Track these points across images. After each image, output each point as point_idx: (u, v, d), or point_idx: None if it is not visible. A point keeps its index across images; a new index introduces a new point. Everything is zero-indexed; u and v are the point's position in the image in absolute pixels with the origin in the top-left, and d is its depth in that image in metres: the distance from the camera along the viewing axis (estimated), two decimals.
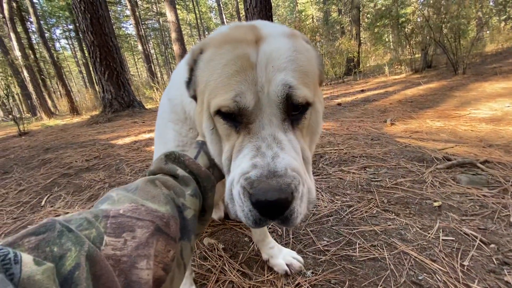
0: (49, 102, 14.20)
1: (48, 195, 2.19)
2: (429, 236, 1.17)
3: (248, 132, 0.58)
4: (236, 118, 0.59)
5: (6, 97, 7.18)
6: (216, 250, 1.22)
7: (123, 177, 2.36)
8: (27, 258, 0.28)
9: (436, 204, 1.40)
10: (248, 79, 0.56)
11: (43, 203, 2.06)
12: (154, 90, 11.47)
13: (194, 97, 0.71)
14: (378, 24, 10.30)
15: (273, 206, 0.50)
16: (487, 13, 8.22)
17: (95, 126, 6.10)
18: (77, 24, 6.76)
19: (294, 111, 0.59)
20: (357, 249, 1.14)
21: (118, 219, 0.41)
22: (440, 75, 7.36)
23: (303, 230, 1.31)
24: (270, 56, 0.57)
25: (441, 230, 1.20)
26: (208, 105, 0.62)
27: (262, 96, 0.56)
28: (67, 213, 1.81)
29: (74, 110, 11.15)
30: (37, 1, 22.34)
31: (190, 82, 0.70)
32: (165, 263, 0.44)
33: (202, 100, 0.64)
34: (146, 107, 7.86)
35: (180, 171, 0.57)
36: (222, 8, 27.49)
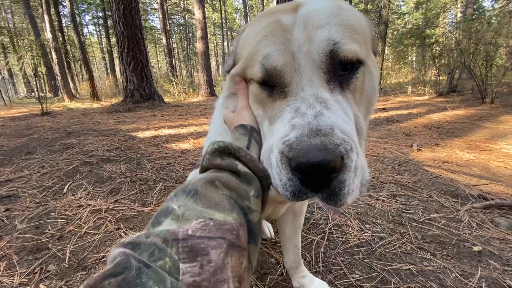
0: (72, 84, 14.60)
1: (70, 182, 2.21)
2: (471, 285, 1.10)
3: (284, 96, 0.51)
4: (269, 83, 0.53)
5: (34, 76, 7.40)
6: None
7: (144, 173, 2.36)
8: None
9: (475, 248, 1.31)
10: (277, 41, 0.51)
11: (65, 190, 2.07)
12: (173, 84, 11.63)
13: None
14: (405, 42, 10.12)
15: (316, 170, 0.41)
16: None
17: (115, 114, 6.20)
18: (109, 13, 6.93)
19: (342, 70, 0.51)
20: None
21: (188, 241, 0.37)
22: (465, 102, 7.14)
23: (333, 259, 1.26)
24: (309, 16, 0.51)
25: (483, 280, 1.12)
26: (240, 74, 0.60)
27: (299, 56, 0.49)
28: (90, 204, 1.81)
29: (95, 95, 11.42)
30: None
31: (233, 66, 0.67)
32: (240, 275, 0.41)
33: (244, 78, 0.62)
34: (164, 100, 7.95)
35: (241, 167, 0.50)
36: (247, 10, 27.73)
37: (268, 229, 1.42)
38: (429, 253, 1.29)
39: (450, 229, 1.47)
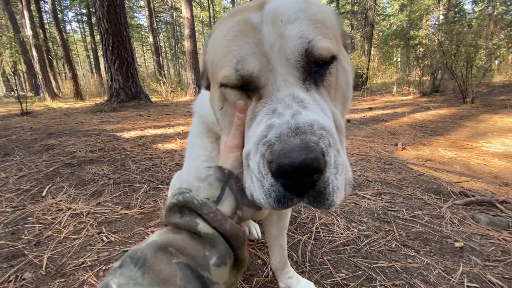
0: (54, 83, 14.09)
1: (50, 185, 2.12)
2: (453, 281, 1.12)
3: (259, 98, 0.49)
4: (245, 87, 0.51)
5: (12, 74, 7.08)
6: None
7: (128, 174, 2.29)
8: None
9: (457, 244, 1.35)
10: (250, 41, 0.48)
11: (44, 193, 1.98)
12: (160, 84, 11.43)
13: (209, 86, 0.64)
14: (391, 43, 10.36)
15: (300, 172, 0.38)
16: (498, 44, 8.29)
17: (100, 114, 6.02)
18: (93, 10, 6.74)
19: (316, 67, 0.50)
20: (378, 287, 1.08)
21: None
22: (448, 101, 7.37)
23: (320, 258, 1.26)
24: (277, 11, 0.49)
25: (465, 275, 1.15)
26: (216, 82, 0.55)
27: (272, 55, 0.47)
28: (70, 208, 1.74)
29: (79, 94, 11.06)
30: None
31: (204, 73, 0.64)
32: None
33: (213, 82, 0.58)
34: (151, 100, 7.80)
35: (202, 226, 0.43)
36: None
37: (255, 229, 1.41)
38: (413, 250, 1.32)
39: (433, 226, 1.51)
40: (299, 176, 0.39)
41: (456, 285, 1.10)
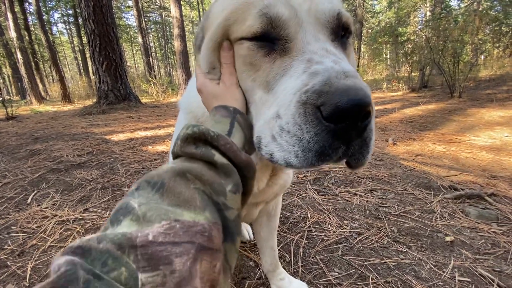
0: (41, 86, 13.75)
1: (35, 191, 2.06)
2: (445, 276, 1.12)
3: (288, 52, 0.45)
4: (270, 37, 0.46)
5: None
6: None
7: (117, 178, 2.24)
8: None
9: (448, 238, 1.35)
10: None
11: (29, 200, 1.92)
12: (150, 84, 11.27)
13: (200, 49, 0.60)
14: (380, 40, 10.46)
15: (357, 112, 0.37)
16: (483, 39, 8.47)
17: (88, 117, 5.89)
18: (78, 11, 6.59)
19: (341, 35, 0.51)
20: (371, 285, 1.08)
21: (148, 249, 0.32)
22: (436, 96, 7.49)
23: (312, 258, 1.24)
24: None
25: (456, 270, 1.16)
26: (220, 36, 0.51)
27: (301, 13, 0.46)
28: (56, 215, 1.69)
29: (66, 97, 10.82)
30: None
31: (198, 40, 0.60)
32: (213, 279, 0.36)
33: (213, 41, 0.53)
34: (141, 101, 7.68)
35: (218, 157, 0.43)
36: None
37: (247, 231, 1.39)
38: (404, 246, 1.32)
39: (424, 221, 1.52)
40: (356, 116, 0.37)
41: (447, 279, 1.11)
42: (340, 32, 0.50)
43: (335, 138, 0.39)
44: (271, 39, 0.47)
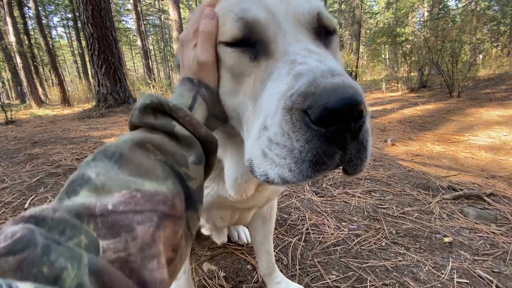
0: (40, 90, 13.77)
1: (33, 196, 2.05)
2: (443, 277, 1.12)
3: (271, 54, 0.43)
4: (250, 41, 0.45)
5: None
6: (216, 278, 1.13)
7: None
8: (25, 286, 0.21)
9: (446, 239, 1.35)
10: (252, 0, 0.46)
11: (26, 205, 1.91)
12: (150, 87, 11.29)
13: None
14: (378, 41, 10.49)
15: (348, 111, 0.34)
16: (481, 39, 8.49)
17: (87, 120, 5.90)
18: (77, 14, 6.61)
19: (324, 34, 0.49)
20: (369, 287, 1.07)
21: (108, 218, 0.31)
22: (435, 96, 7.49)
23: (310, 260, 1.24)
24: None
25: (454, 271, 1.15)
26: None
27: (278, 14, 0.44)
28: None
29: (66, 100, 10.82)
30: None
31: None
32: (175, 244, 0.36)
33: None
34: None
35: (179, 129, 0.41)
36: None
37: (244, 234, 1.38)
38: (403, 248, 1.31)
39: (422, 222, 1.51)
40: (348, 116, 0.34)
41: (446, 281, 1.10)
42: (322, 33, 0.48)
43: (328, 144, 0.35)
44: (253, 44, 0.45)
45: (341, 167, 0.40)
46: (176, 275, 0.39)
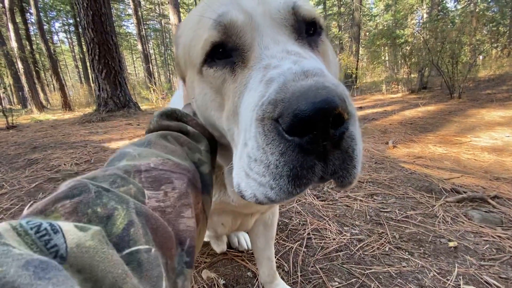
0: (41, 95, 13.84)
1: (32, 202, 2.03)
2: (449, 284, 1.09)
3: (247, 61, 0.41)
4: (228, 47, 0.43)
5: None
6: (216, 286, 1.11)
7: None
8: (66, 226, 0.23)
9: (451, 244, 1.32)
10: (228, 2, 0.44)
11: (25, 211, 1.89)
12: (150, 91, 11.31)
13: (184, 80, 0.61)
14: (377, 43, 10.49)
15: (322, 116, 0.30)
16: (481, 40, 8.48)
17: (88, 125, 5.89)
18: (78, 20, 6.65)
19: (307, 32, 0.46)
20: None
21: (151, 172, 0.36)
22: (436, 98, 7.47)
23: (312, 267, 1.21)
24: None
25: (460, 277, 1.12)
26: (194, 65, 0.49)
27: (256, 15, 0.42)
28: None
29: (67, 105, 10.85)
30: None
31: (178, 68, 0.63)
32: (197, 214, 0.41)
33: (191, 71, 0.53)
34: (141, 108, 7.69)
35: (190, 128, 0.51)
36: None
37: (244, 239, 1.36)
38: (407, 253, 1.28)
39: (426, 226, 1.48)
40: (323, 122, 0.30)
41: None
42: (303, 28, 0.45)
43: (305, 155, 0.32)
44: (230, 53, 0.44)
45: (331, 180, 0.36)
46: (198, 248, 0.44)
